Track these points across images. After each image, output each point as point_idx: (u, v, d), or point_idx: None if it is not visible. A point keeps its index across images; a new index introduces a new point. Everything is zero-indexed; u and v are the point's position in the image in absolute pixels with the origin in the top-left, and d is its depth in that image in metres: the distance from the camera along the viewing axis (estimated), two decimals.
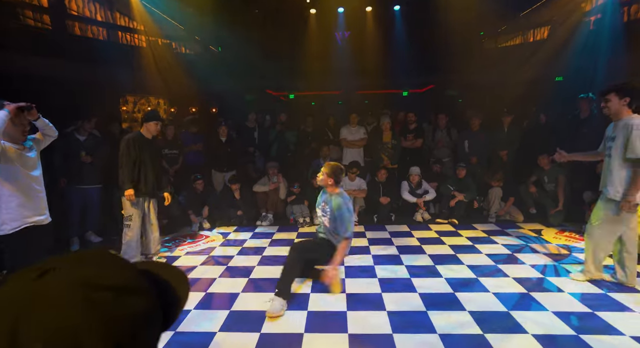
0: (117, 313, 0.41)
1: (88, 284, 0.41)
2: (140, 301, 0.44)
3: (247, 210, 5.58)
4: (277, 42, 9.49)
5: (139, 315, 0.43)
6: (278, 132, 6.98)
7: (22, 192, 2.79)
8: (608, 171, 3.22)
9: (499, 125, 6.20)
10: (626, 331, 2.60)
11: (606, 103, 3.16)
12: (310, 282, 3.54)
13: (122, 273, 0.46)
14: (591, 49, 6.86)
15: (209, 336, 2.68)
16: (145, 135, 3.96)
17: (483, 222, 5.44)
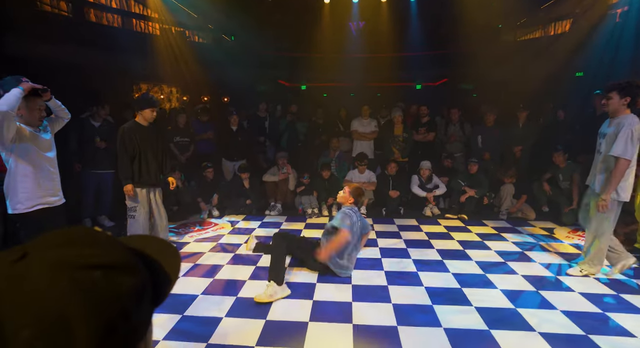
0: (105, 292, 0.39)
1: (72, 264, 0.39)
2: (129, 279, 0.42)
3: (256, 199, 5.61)
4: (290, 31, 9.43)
5: (128, 294, 0.42)
6: (288, 122, 6.98)
7: (37, 172, 2.85)
8: (595, 167, 3.34)
9: (514, 121, 6.07)
10: (638, 333, 2.55)
11: (607, 100, 3.18)
12: (316, 273, 3.55)
13: (108, 251, 0.44)
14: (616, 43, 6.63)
15: (216, 321, 2.71)
16: (142, 123, 3.77)
17: (494, 218, 5.37)
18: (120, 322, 0.40)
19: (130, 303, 0.42)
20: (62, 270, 0.38)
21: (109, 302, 0.39)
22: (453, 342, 2.45)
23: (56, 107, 2.99)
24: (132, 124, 3.79)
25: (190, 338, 2.50)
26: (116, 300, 0.40)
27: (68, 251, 0.41)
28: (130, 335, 0.41)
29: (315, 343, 2.46)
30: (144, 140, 3.78)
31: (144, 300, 0.44)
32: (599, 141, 3.35)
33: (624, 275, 3.47)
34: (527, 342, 2.47)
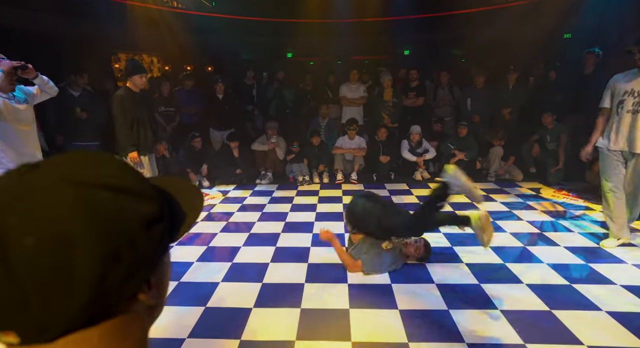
0: (112, 215, 0.37)
1: (82, 181, 0.37)
2: (140, 206, 0.40)
3: (246, 168, 5.56)
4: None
5: (137, 221, 0.39)
6: (276, 89, 6.82)
7: (13, 147, 2.73)
8: (630, 127, 3.02)
9: (503, 83, 6.04)
10: (617, 280, 2.68)
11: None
12: (309, 235, 3.60)
13: (123, 175, 0.41)
14: (603, 4, 6.54)
15: (212, 286, 2.74)
16: (134, 90, 3.79)
17: (482, 181, 5.45)
18: (125, 249, 0.38)
19: (138, 232, 0.39)
20: (71, 185, 0.36)
21: (114, 226, 0.37)
22: (445, 297, 2.54)
23: (43, 84, 2.85)
24: (126, 91, 3.76)
25: (188, 303, 2.53)
26: (123, 225, 0.38)
27: (81, 169, 0.39)
28: (136, 265, 0.39)
29: (312, 301, 2.52)
30: (139, 106, 3.79)
31: (154, 232, 0.41)
32: (637, 100, 3.01)
33: None
34: (515, 292, 2.57)
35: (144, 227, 0.40)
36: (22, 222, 0.34)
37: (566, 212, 4.13)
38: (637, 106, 3.01)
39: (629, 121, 3.05)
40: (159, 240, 0.42)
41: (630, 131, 3.05)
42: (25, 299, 0.33)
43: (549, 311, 2.35)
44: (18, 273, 0.33)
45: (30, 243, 0.33)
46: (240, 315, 2.39)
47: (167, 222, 0.43)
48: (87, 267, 0.34)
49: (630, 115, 3.03)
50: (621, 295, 2.51)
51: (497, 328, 2.21)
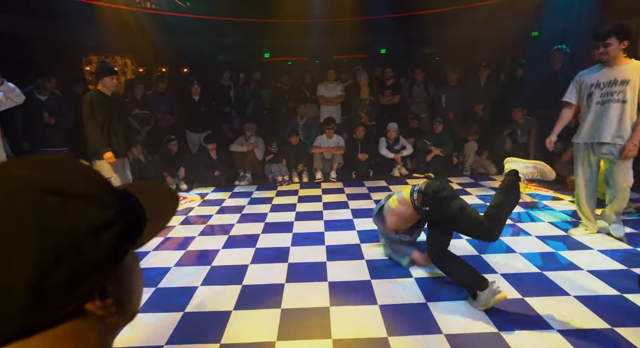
0: (56, 220, 0.37)
1: (30, 185, 0.37)
2: (90, 211, 0.39)
3: (224, 170, 5.51)
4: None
5: (85, 227, 0.38)
6: (253, 90, 6.78)
7: None
8: (607, 119, 3.09)
9: (475, 80, 6.19)
10: (584, 266, 2.81)
11: (606, 47, 2.97)
12: (289, 235, 3.60)
13: (76, 179, 0.41)
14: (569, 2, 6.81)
15: (191, 290, 2.71)
16: (105, 92, 3.72)
17: (458, 175, 5.58)
18: (68, 254, 0.37)
19: (84, 238, 0.38)
20: (19, 190, 0.36)
21: (57, 230, 0.37)
22: (423, 290, 2.59)
23: (9, 91, 2.74)
24: (96, 93, 3.68)
25: (166, 309, 2.49)
26: (66, 230, 0.37)
27: (33, 172, 0.39)
28: (81, 272, 0.38)
29: (292, 301, 2.52)
30: (111, 109, 3.71)
31: (104, 238, 0.40)
32: (602, 92, 3.11)
33: None
34: None
35: (91, 232, 0.39)
36: None
37: (537, 203, 4.28)
38: (604, 97, 3.11)
39: (597, 112, 3.15)
40: (110, 246, 0.41)
41: (600, 121, 3.14)
42: None
43: (522, 299, 2.44)
44: None
45: None
46: (220, 319, 2.37)
47: (124, 228, 0.42)
48: (24, 268, 0.34)
49: (600, 106, 3.13)
50: (588, 279, 2.63)
51: (473, 318, 2.27)
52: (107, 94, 3.72)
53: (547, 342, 2.04)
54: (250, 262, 3.12)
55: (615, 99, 3.05)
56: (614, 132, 3.09)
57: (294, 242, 3.48)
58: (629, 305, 2.31)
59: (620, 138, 3.07)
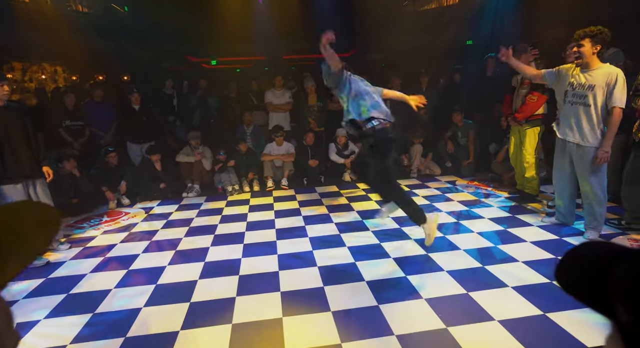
0: None
1: None
2: None
3: (170, 182, 5.25)
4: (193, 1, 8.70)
5: None
6: (199, 98, 6.57)
7: None
8: (575, 120, 3.19)
9: (417, 85, 6.48)
10: (520, 258, 3.02)
11: (579, 48, 3.03)
12: (240, 246, 3.50)
13: None
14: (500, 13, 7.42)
15: (133, 312, 2.53)
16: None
17: (405, 177, 5.78)
18: None
19: None
20: None
21: None
22: (375, 292, 2.63)
23: None
24: None
25: (104, 336, 2.30)
26: None
27: None
28: None
29: (244, 315, 2.45)
30: (2, 123, 3.16)
31: None
32: (573, 92, 3.19)
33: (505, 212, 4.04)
34: (436, 280, 2.76)
35: None
36: None
37: (478, 201, 4.55)
38: (574, 98, 3.19)
39: (568, 112, 3.28)
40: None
41: (568, 121, 3.27)
42: None
43: (466, 293, 2.56)
44: None
45: None
46: (165, 341, 2.23)
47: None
48: None
49: (570, 106, 3.24)
50: (522, 270, 2.83)
51: (422, 317, 2.34)
52: None
53: (488, 332, 2.16)
54: (199, 277, 2.99)
55: (582, 102, 3.13)
56: (579, 134, 3.19)
57: (245, 253, 3.39)
58: (556, 292, 2.51)
59: (585, 140, 3.16)
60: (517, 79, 4.28)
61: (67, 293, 2.83)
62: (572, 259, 0.58)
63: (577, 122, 3.21)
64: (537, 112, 4.08)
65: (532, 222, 3.76)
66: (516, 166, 4.48)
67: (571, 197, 3.52)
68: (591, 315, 2.19)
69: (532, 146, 4.20)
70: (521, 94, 4.18)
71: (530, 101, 4.04)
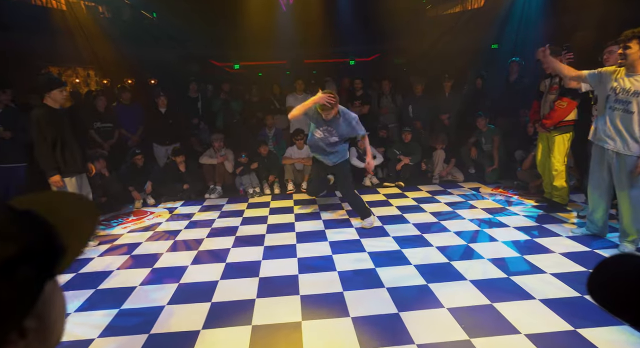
0: None
1: None
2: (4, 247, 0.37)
3: (193, 183, 5.36)
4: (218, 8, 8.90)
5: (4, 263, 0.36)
6: (223, 101, 6.70)
7: None
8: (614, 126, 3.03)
9: (440, 90, 6.40)
10: (547, 269, 2.91)
11: (625, 50, 2.88)
12: (261, 248, 3.53)
13: None
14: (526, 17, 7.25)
15: (157, 310, 2.59)
16: (54, 107, 3.45)
17: (427, 183, 5.70)
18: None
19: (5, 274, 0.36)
20: None
21: None
22: (395, 300, 2.59)
23: None
24: (43, 108, 3.41)
25: (129, 332, 2.36)
26: None
27: None
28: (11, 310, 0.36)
29: (263, 317, 2.46)
30: (61, 124, 3.47)
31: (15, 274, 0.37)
32: (616, 98, 3.01)
33: None
34: (459, 289, 2.69)
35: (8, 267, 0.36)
36: None
37: (503, 209, 4.43)
38: (616, 104, 3.02)
39: (608, 117, 3.11)
40: (24, 282, 0.38)
41: (606, 126, 3.11)
42: None
43: (490, 304, 2.49)
44: None
45: None
46: (187, 339, 2.27)
47: (35, 260, 0.39)
48: None
49: (611, 112, 3.09)
50: (551, 283, 2.72)
51: (444, 326, 2.29)
52: (56, 107, 3.46)
53: (514, 346, 2.09)
54: (220, 277, 3.03)
55: (625, 109, 2.98)
56: (620, 142, 3.03)
57: (265, 255, 3.42)
58: (589, 307, 2.40)
59: (626, 149, 3.00)
60: (545, 83, 4.15)
61: (95, 289, 2.92)
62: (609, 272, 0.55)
63: (617, 130, 3.04)
64: (567, 118, 3.94)
65: (561, 232, 3.62)
66: (544, 174, 4.33)
67: (606, 207, 3.37)
68: (629, 334, 2.10)
69: (562, 153, 4.05)
70: (549, 99, 4.06)
71: (559, 107, 3.91)
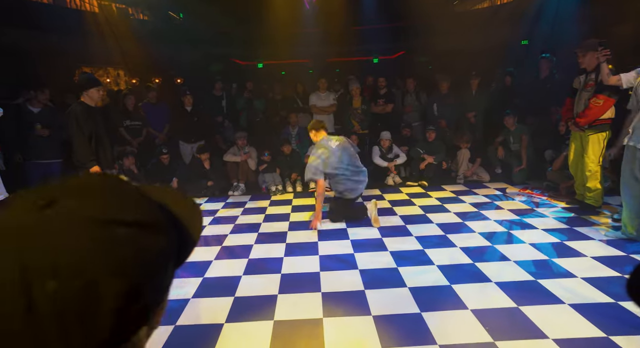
0: (131, 252, 0.37)
1: (97, 219, 0.36)
2: (156, 240, 0.39)
3: (217, 180, 5.48)
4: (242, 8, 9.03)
5: (155, 254, 0.39)
6: (247, 100, 6.80)
7: None
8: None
9: (467, 88, 6.26)
10: (578, 273, 2.80)
11: None
12: (283, 245, 3.57)
13: (137, 206, 0.40)
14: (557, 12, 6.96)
15: (182, 303, 2.66)
16: (90, 104, 3.65)
17: (452, 183, 5.59)
18: (146, 283, 0.37)
19: (156, 264, 0.39)
20: (92, 225, 0.36)
21: (133, 263, 0.36)
22: (417, 300, 2.56)
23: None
24: (82, 106, 3.61)
25: None
26: (143, 260, 0.37)
27: (85, 202, 0.37)
28: (155, 300, 0.39)
29: (285, 313, 2.49)
30: (96, 121, 3.66)
31: (169, 261, 0.41)
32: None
33: None
34: (484, 291, 2.63)
35: (160, 260, 0.39)
36: (45, 266, 0.33)
37: (531, 210, 4.29)
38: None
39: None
40: (172, 268, 0.42)
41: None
42: (47, 341, 0.33)
43: (516, 307, 2.42)
44: (41, 316, 0.32)
45: (53, 287, 0.33)
46: (211, 332, 2.32)
47: (176, 250, 0.43)
48: (110, 309, 0.34)
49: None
50: (582, 287, 2.62)
51: (468, 328, 2.24)
52: (92, 105, 3.66)
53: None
54: (243, 273, 3.09)
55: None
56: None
57: (288, 252, 3.45)
58: (623, 313, 2.30)
59: None
60: (580, 80, 3.98)
61: None
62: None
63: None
64: (603, 117, 3.76)
65: (594, 235, 3.48)
66: (576, 175, 4.16)
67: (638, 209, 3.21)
68: None
69: (596, 153, 3.87)
70: (584, 96, 3.89)
71: (595, 105, 3.74)
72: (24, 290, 0.32)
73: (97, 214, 0.36)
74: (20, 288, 0.32)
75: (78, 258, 0.34)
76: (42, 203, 0.36)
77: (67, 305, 0.33)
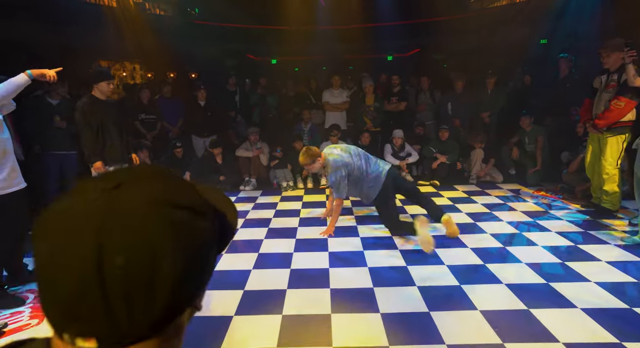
0: (189, 233, 0.40)
1: (163, 200, 0.40)
2: (206, 224, 0.43)
3: (229, 175, 5.53)
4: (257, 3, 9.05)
5: (205, 238, 0.43)
6: (259, 95, 6.83)
7: None
8: None
9: (482, 87, 6.17)
10: (591, 277, 2.75)
11: None
12: (293, 241, 3.59)
13: (189, 193, 0.44)
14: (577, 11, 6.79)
15: None
16: (100, 98, 3.64)
17: (464, 183, 5.54)
18: (198, 265, 0.41)
19: (207, 249, 0.43)
20: (158, 206, 0.39)
21: (191, 243, 0.40)
22: (426, 299, 2.55)
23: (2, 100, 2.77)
24: (89, 98, 3.63)
25: None
26: (198, 243, 0.41)
27: (158, 185, 0.42)
28: (202, 281, 0.43)
29: (294, 308, 2.51)
30: (105, 114, 3.65)
31: (214, 249, 0.45)
32: None
33: None
34: (494, 292, 2.61)
35: (209, 244, 0.43)
36: (115, 241, 0.37)
37: (544, 212, 4.22)
38: None
39: None
40: (214, 256, 0.45)
41: None
42: (114, 310, 0.36)
43: (527, 310, 2.39)
44: (110, 288, 0.36)
45: (121, 262, 0.36)
46: (221, 323, 2.36)
47: (218, 237, 0.46)
48: (170, 284, 0.38)
49: None
50: (595, 292, 2.57)
51: (477, 328, 2.23)
52: (102, 98, 3.65)
53: None
54: (253, 267, 3.12)
55: None
56: None
57: (297, 248, 3.47)
58: (638, 319, 2.25)
59: None
60: (601, 80, 3.88)
61: None
62: None
63: None
64: (624, 119, 3.67)
65: (609, 239, 3.41)
66: (593, 177, 4.08)
67: None
68: None
69: (614, 156, 3.79)
70: (604, 97, 3.80)
71: (616, 107, 3.65)
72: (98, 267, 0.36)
73: (159, 196, 0.40)
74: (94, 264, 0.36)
75: (144, 234, 0.38)
76: (110, 186, 0.39)
77: (133, 278, 0.36)
